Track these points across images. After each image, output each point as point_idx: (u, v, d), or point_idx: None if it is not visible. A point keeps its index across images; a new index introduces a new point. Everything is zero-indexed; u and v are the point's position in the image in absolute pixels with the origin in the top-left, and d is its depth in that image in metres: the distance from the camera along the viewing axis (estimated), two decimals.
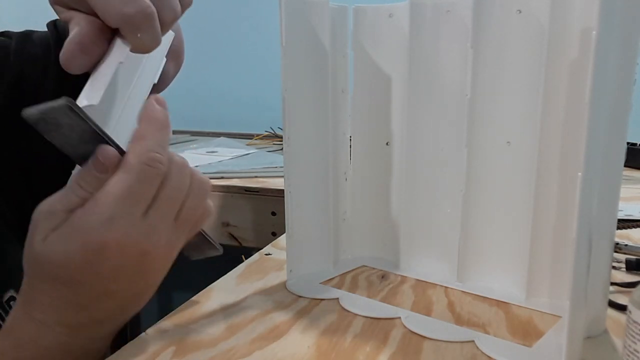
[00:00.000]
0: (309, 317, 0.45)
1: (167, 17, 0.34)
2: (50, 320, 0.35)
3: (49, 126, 0.31)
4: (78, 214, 0.32)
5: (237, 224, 0.91)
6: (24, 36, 0.50)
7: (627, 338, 0.30)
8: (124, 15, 0.31)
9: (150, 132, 0.34)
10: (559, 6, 0.43)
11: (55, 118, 0.30)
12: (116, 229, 0.32)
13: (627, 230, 0.68)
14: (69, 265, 0.33)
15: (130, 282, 0.35)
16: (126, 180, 0.33)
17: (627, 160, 0.40)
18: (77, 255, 0.32)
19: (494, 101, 0.49)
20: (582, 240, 0.36)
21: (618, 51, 0.37)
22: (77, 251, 0.32)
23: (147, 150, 0.33)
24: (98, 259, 0.33)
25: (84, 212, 0.32)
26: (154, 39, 0.33)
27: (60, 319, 0.35)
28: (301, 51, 0.50)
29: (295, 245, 0.52)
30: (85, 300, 0.35)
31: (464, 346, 0.40)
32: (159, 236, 0.35)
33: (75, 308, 0.35)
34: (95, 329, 0.37)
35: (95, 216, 0.32)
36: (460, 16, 0.49)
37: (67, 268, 0.33)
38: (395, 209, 0.57)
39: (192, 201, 0.37)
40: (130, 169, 0.33)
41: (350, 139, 0.58)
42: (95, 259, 0.33)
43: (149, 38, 0.33)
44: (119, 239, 0.32)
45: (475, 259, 0.51)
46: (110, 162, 0.33)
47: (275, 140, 1.39)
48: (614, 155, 0.39)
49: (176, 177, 0.35)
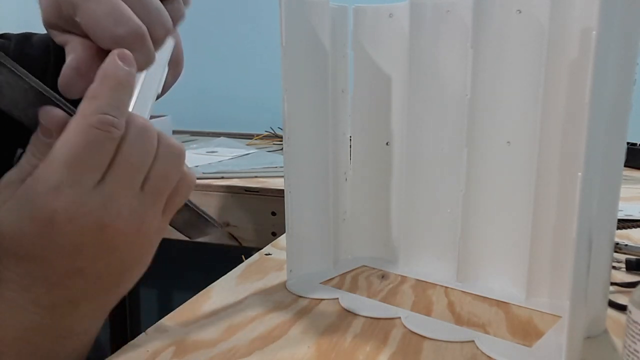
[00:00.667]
0: (309, 317, 0.45)
1: (159, 33, 0.34)
2: (22, 299, 0.32)
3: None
4: (27, 183, 0.30)
5: (237, 224, 0.91)
6: (23, 38, 0.50)
7: (627, 338, 0.30)
8: (115, 37, 0.31)
9: (104, 91, 0.31)
10: (559, 6, 0.43)
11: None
12: (64, 197, 0.30)
13: (627, 230, 0.68)
14: (22, 238, 0.31)
15: (96, 257, 0.32)
16: (72, 144, 0.30)
17: (627, 160, 0.40)
18: (27, 227, 0.30)
19: (494, 101, 0.49)
20: (582, 240, 0.36)
21: (618, 51, 0.37)
22: (26, 223, 0.30)
23: (97, 111, 0.30)
24: (50, 231, 0.30)
25: (31, 181, 0.30)
26: (147, 58, 0.33)
27: (32, 298, 0.32)
28: (301, 51, 0.50)
29: (295, 245, 0.52)
30: (53, 277, 0.32)
31: (464, 346, 0.40)
32: (119, 207, 0.32)
33: (45, 285, 0.32)
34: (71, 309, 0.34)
35: (41, 184, 0.30)
36: (460, 16, 0.49)
37: (21, 241, 0.31)
38: (395, 209, 0.57)
39: (161, 167, 0.33)
40: (77, 131, 0.30)
41: (350, 139, 0.58)
42: (46, 230, 0.30)
43: (143, 57, 0.33)
44: (69, 209, 0.30)
45: (475, 259, 0.51)
46: (55, 125, 0.30)
47: (275, 140, 1.39)
48: (614, 155, 0.39)
49: (136, 140, 0.32)
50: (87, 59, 0.32)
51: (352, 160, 0.58)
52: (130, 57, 0.32)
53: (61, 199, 0.30)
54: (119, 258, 0.34)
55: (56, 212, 0.30)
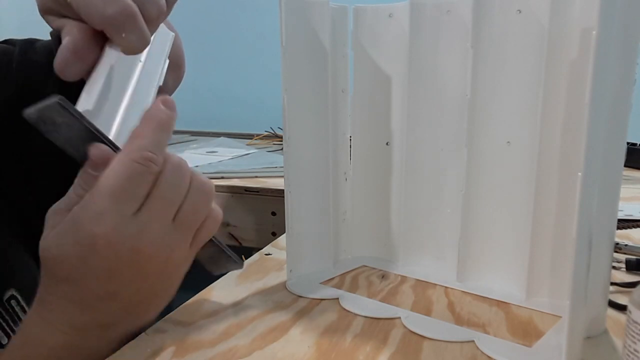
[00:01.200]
0: (309, 317, 0.45)
1: (151, 13, 0.34)
2: (57, 320, 0.35)
3: (48, 126, 0.31)
4: (74, 211, 0.33)
5: (237, 224, 0.91)
6: (27, 44, 0.50)
7: (627, 338, 0.30)
8: (105, 16, 0.31)
9: (147, 132, 0.34)
10: (559, 6, 0.43)
11: (51, 117, 0.31)
12: (104, 223, 0.32)
13: (627, 230, 0.68)
14: (64, 261, 0.33)
15: (128, 282, 0.35)
16: (116, 176, 0.33)
17: (627, 160, 0.40)
18: (69, 250, 0.33)
19: (494, 101, 0.49)
20: (582, 240, 0.36)
21: (618, 51, 0.37)
22: (69, 246, 0.33)
23: (140, 148, 0.33)
24: (89, 255, 0.33)
25: (78, 209, 0.33)
26: (140, 38, 0.33)
27: (66, 319, 0.35)
28: (301, 51, 0.50)
29: (295, 245, 0.52)
30: (87, 299, 0.35)
31: (464, 346, 0.40)
32: (153, 235, 0.34)
33: (79, 308, 0.35)
34: (101, 333, 0.37)
35: (86, 211, 0.32)
36: (460, 16, 0.49)
37: (62, 264, 0.33)
38: (395, 209, 0.57)
39: (191, 202, 0.36)
40: (121, 165, 0.33)
41: (350, 139, 0.58)
42: (86, 254, 0.33)
43: (135, 37, 0.33)
44: (108, 234, 0.32)
45: (475, 259, 0.51)
46: (103, 160, 0.33)
47: (275, 140, 1.39)
48: (614, 155, 0.39)
49: (172, 176, 0.35)
50: (83, 41, 0.33)
51: (352, 160, 0.58)
52: (172, 103, 0.35)
53: (102, 225, 0.32)
54: (149, 284, 0.36)
55: (97, 237, 0.32)
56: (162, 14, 0.35)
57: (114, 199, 0.32)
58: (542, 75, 0.45)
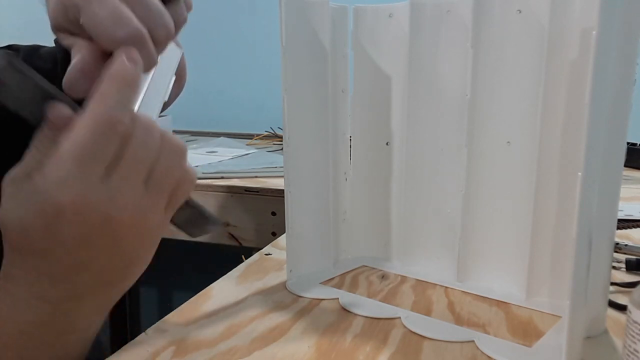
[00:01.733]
0: (309, 317, 0.45)
1: (160, 35, 0.34)
2: (25, 295, 0.33)
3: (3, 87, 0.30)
4: (34, 178, 0.31)
5: (237, 224, 0.91)
6: (31, 50, 0.50)
7: (627, 338, 0.30)
8: (115, 39, 0.32)
9: (110, 90, 0.32)
10: (559, 6, 0.43)
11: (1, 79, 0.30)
12: (71, 190, 0.30)
13: (627, 230, 0.68)
14: (28, 232, 0.31)
15: (101, 251, 0.33)
16: (80, 139, 0.31)
17: (627, 160, 0.40)
18: (34, 220, 0.31)
19: (494, 101, 0.49)
20: (582, 240, 0.36)
21: (618, 51, 0.37)
22: (33, 216, 0.31)
23: (104, 108, 0.31)
24: (56, 224, 0.31)
25: (38, 176, 0.31)
26: (148, 60, 0.34)
27: (35, 293, 0.33)
28: (301, 51, 0.50)
29: (295, 245, 0.52)
30: (58, 271, 0.33)
31: (464, 346, 0.40)
32: (124, 200, 0.32)
33: (50, 280, 0.33)
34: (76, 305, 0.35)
35: (48, 178, 0.31)
36: (460, 16, 0.49)
37: (27, 236, 0.32)
38: (395, 209, 0.57)
39: (164, 163, 0.34)
40: (84, 127, 0.31)
41: (350, 139, 0.58)
42: (53, 223, 0.31)
43: (144, 59, 0.33)
44: (75, 201, 0.31)
45: (475, 259, 0.51)
46: (62, 120, 0.31)
47: (275, 140, 1.39)
48: (614, 155, 0.39)
49: (141, 136, 0.33)
50: (92, 60, 0.33)
51: (352, 160, 0.58)
52: (137, 57, 0.33)
53: (68, 192, 0.30)
54: (122, 252, 0.34)
55: (63, 205, 0.30)
56: (171, 36, 0.35)
57: (77, 163, 0.31)
58: (542, 75, 0.44)
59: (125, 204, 0.33)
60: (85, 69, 0.33)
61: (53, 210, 0.31)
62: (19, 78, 0.30)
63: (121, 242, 0.34)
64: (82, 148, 0.31)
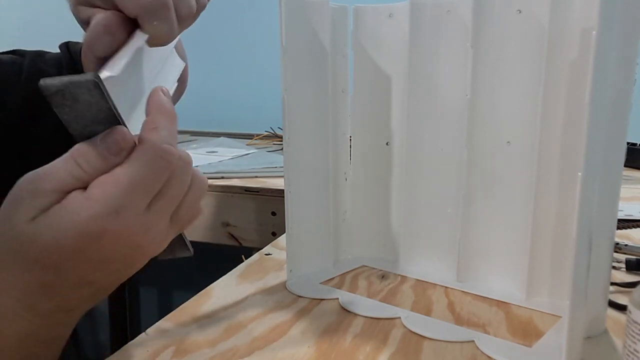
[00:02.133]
0: (309, 317, 0.45)
1: (183, 11, 0.35)
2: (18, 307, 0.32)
3: (65, 100, 0.29)
4: (78, 199, 0.30)
5: (237, 224, 0.91)
6: (36, 55, 0.51)
7: (627, 338, 0.30)
8: (142, 2, 0.33)
9: (163, 123, 0.32)
10: (559, 6, 0.43)
11: (75, 93, 0.29)
12: (120, 220, 0.30)
13: (627, 230, 0.68)
14: (58, 251, 0.30)
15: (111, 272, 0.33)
16: (139, 170, 0.30)
17: (627, 160, 0.40)
18: (69, 242, 0.30)
19: (494, 101, 0.49)
20: (582, 240, 0.36)
21: (618, 51, 0.37)
22: (70, 238, 0.30)
23: (162, 141, 0.31)
24: (89, 247, 0.30)
25: (85, 198, 0.30)
26: (169, 29, 0.34)
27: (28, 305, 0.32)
28: (301, 51, 0.50)
29: (295, 245, 0.52)
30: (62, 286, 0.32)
31: (464, 346, 0.40)
32: (156, 233, 0.33)
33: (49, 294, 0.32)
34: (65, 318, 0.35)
35: (101, 205, 0.30)
36: (460, 16, 0.49)
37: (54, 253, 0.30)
38: (395, 209, 0.57)
39: (190, 200, 0.35)
40: (145, 158, 0.31)
41: (350, 139, 0.58)
42: (86, 246, 0.30)
43: (165, 27, 0.34)
44: (120, 231, 0.31)
45: (475, 259, 0.51)
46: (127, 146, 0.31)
47: (275, 140, 1.39)
48: (614, 155, 0.39)
49: (181, 173, 0.33)
50: (115, 22, 0.34)
51: (352, 160, 0.58)
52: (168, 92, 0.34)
53: (118, 221, 0.30)
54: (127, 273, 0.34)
55: (107, 232, 0.30)
56: (191, 16, 0.36)
57: (134, 193, 0.30)
58: (542, 75, 0.44)
59: (154, 236, 0.33)
60: (108, 26, 0.33)
61: (96, 236, 0.30)
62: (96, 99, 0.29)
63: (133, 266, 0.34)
64: (142, 179, 0.31)
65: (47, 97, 0.29)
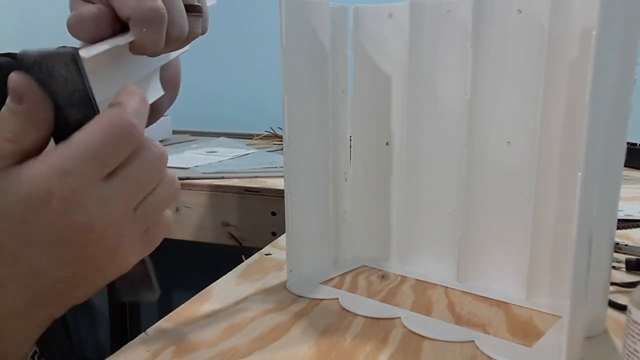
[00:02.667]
0: (309, 317, 0.45)
1: (175, 32, 0.36)
2: None
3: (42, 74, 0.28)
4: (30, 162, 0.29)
5: (237, 224, 0.91)
6: None
7: (627, 338, 0.30)
8: (137, 7, 0.33)
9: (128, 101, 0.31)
10: (559, 6, 0.43)
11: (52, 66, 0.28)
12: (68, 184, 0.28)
13: (627, 230, 0.68)
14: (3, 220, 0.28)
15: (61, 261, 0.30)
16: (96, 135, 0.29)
17: (627, 160, 0.40)
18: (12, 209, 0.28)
19: (494, 101, 0.49)
20: (582, 240, 0.36)
21: (618, 51, 0.37)
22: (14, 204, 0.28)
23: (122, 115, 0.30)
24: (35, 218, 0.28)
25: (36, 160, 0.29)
26: (156, 41, 0.35)
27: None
28: (301, 51, 0.50)
29: (295, 245, 0.52)
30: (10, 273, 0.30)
31: (464, 346, 0.40)
32: (110, 213, 0.30)
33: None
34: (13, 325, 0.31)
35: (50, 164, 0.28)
36: (460, 16, 0.49)
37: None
38: (395, 208, 0.57)
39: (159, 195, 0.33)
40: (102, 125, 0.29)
41: (350, 139, 0.58)
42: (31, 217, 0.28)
43: (152, 37, 0.34)
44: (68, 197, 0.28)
45: (475, 259, 0.51)
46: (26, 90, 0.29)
47: (275, 140, 1.39)
48: (614, 155, 0.39)
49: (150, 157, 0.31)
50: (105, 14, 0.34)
51: (352, 160, 0.58)
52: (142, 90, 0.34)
53: (65, 186, 0.28)
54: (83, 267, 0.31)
55: (54, 196, 0.28)
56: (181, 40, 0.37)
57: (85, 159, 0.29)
58: (542, 75, 0.44)
59: (109, 217, 0.30)
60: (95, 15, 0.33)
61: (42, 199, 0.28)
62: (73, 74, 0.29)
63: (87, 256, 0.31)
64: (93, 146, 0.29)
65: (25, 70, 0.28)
